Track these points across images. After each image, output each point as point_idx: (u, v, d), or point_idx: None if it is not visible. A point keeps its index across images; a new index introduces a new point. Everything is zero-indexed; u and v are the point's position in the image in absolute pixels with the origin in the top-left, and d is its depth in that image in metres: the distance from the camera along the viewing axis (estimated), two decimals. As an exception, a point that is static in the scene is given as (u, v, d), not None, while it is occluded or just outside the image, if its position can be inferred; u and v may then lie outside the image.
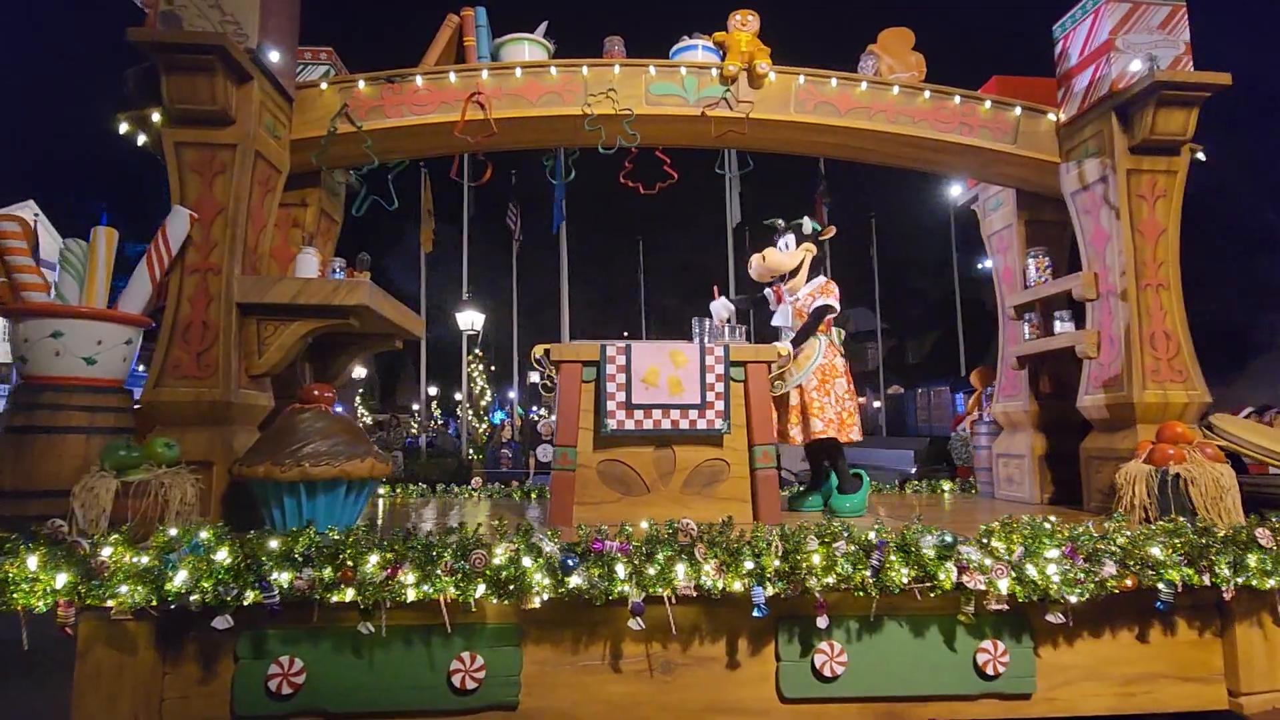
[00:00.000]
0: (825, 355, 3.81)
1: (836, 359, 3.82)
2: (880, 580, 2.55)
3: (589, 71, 3.69)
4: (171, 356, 3.04)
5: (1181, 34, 3.54)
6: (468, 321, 15.52)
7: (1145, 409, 3.35)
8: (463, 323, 15.31)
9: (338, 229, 4.29)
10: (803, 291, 3.93)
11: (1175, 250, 3.51)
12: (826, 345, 3.83)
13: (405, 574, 2.42)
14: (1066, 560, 2.61)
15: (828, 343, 3.84)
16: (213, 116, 3.09)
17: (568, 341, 3.58)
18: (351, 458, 2.84)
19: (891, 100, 3.81)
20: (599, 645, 2.66)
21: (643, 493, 3.21)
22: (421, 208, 13.81)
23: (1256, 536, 2.69)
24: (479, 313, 15.54)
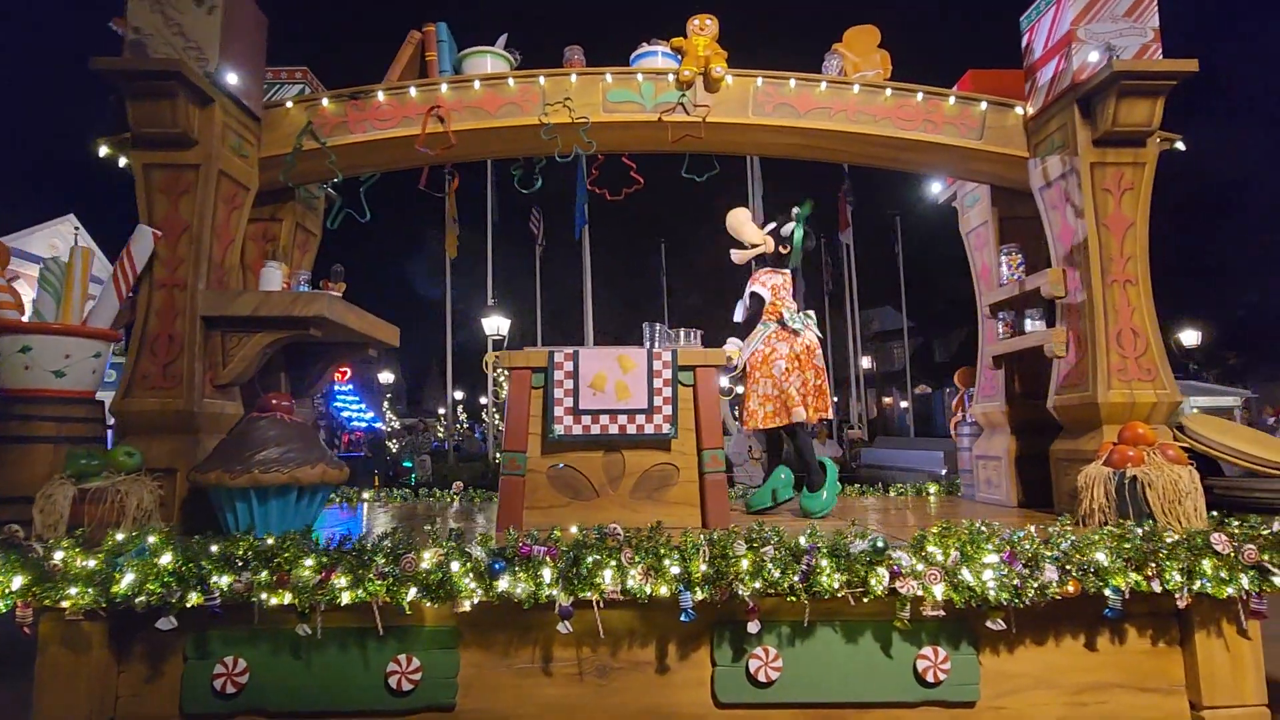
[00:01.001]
0: (763, 343, 3.83)
1: (778, 344, 3.81)
2: (811, 585, 2.54)
3: (546, 81, 3.73)
4: (140, 368, 3.18)
5: (1149, 21, 3.42)
6: (493, 327, 15.74)
7: (1111, 409, 3.25)
8: (488, 328, 15.53)
9: (316, 241, 4.42)
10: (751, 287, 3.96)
11: (1144, 244, 3.40)
12: (768, 333, 3.85)
13: (338, 577, 2.50)
14: (1005, 566, 2.56)
15: (769, 331, 3.85)
16: (176, 138, 3.23)
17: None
18: (302, 464, 2.94)
19: (852, 99, 3.77)
20: (536, 649, 2.70)
21: (592, 497, 3.24)
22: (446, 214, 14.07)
23: (1212, 542, 2.59)
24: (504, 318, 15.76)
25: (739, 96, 3.77)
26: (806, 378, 3.77)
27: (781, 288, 3.96)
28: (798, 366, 3.73)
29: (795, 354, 3.76)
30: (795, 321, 3.81)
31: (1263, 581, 2.59)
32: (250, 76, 3.54)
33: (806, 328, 3.86)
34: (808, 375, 3.74)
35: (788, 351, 3.77)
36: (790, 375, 3.70)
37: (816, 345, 3.86)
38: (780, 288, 3.95)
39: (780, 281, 3.98)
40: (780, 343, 3.81)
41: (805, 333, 3.85)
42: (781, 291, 3.95)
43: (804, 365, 3.73)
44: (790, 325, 3.78)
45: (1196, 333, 14.80)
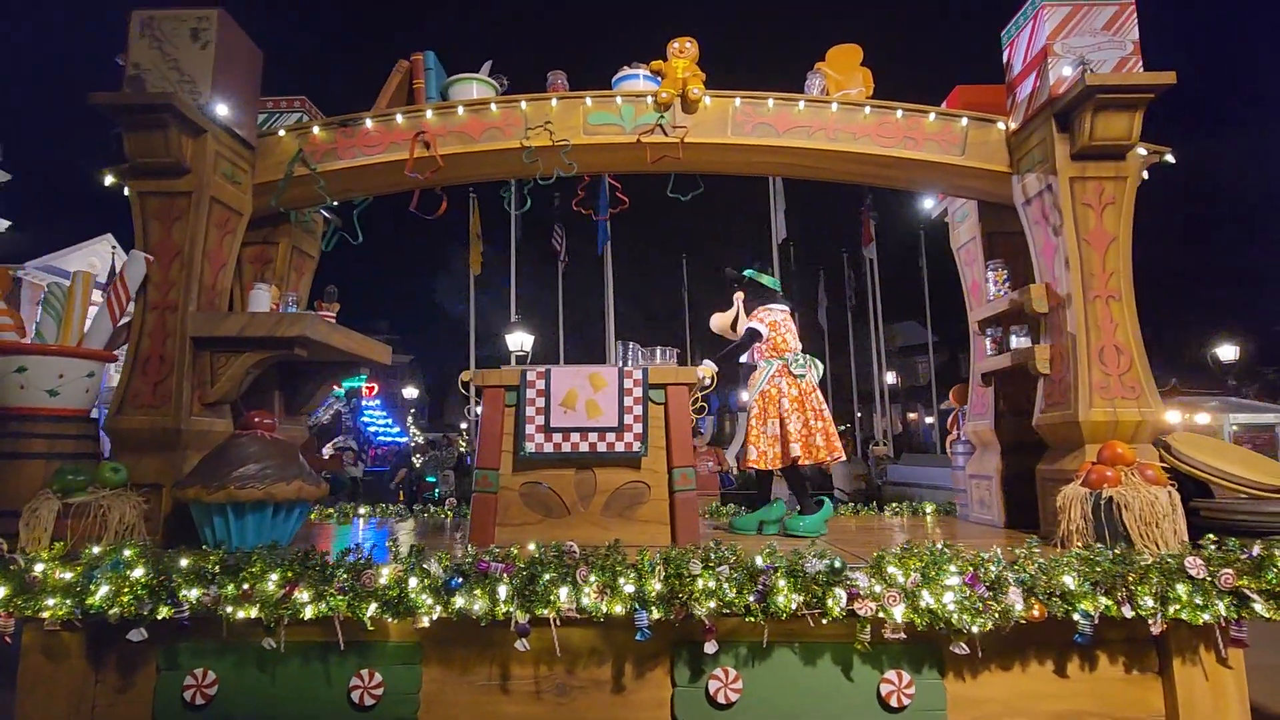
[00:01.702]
0: (768, 382, 3.81)
1: (783, 384, 3.78)
2: (768, 606, 2.52)
3: (528, 106, 3.82)
4: (132, 387, 3.31)
5: (1129, 34, 3.38)
6: (517, 343, 15.91)
7: (1092, 428, 3.17)
8: (512, 344, 15.69)
9: (313, 263, 4.55)
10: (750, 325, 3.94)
11: (1128, 259, 3.32)
12: (772, 372, 3.82)
13: (301, 592, 2.55)
14: (967, 588, 2.51)
15: (774, 370, 3.82)
16: (169, 167, 3.38)
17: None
18: (278, 481, 3.02)
19: (831, 118, 3.78)
20: (496, 666, 2.72)
21: (564, 515, 3.26)
22: (470, 231, 14.33)
23: (1186, 566, 2.50)
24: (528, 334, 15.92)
25: (718, 117, 3.81)
26: (806, 418, 3.74)
27: (781, 325, 3.91)
28: (799, 409, 3.72)
29: (796, 396, 3.74)
30: (797, 365, 3.79)
31: (1242, 608, 2.49)
32: (243, 107, 3.69)
33: (809, 369, 3.85)
34: (808, 417, 3.72)
35: (790, 392, 3.75)
36: (792, 416, 3.69)
37: (816, 388, 3.84)
38: (780, 324, 3.90)
39: (779, 319, 3.93)
40: (784, 382, 3.79)
41: (809, 374, 3.83)
42: (781, 328, 3.89)
43: (804, 407, 3.72)
44: (793, 369, 3.77)
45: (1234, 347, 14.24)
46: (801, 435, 3.71)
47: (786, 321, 3.94)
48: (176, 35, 3.48)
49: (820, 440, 3.71)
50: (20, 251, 19.82)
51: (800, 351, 3.88)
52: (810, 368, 3.87)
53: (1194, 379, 9.91)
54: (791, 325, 3.95)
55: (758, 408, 3.81)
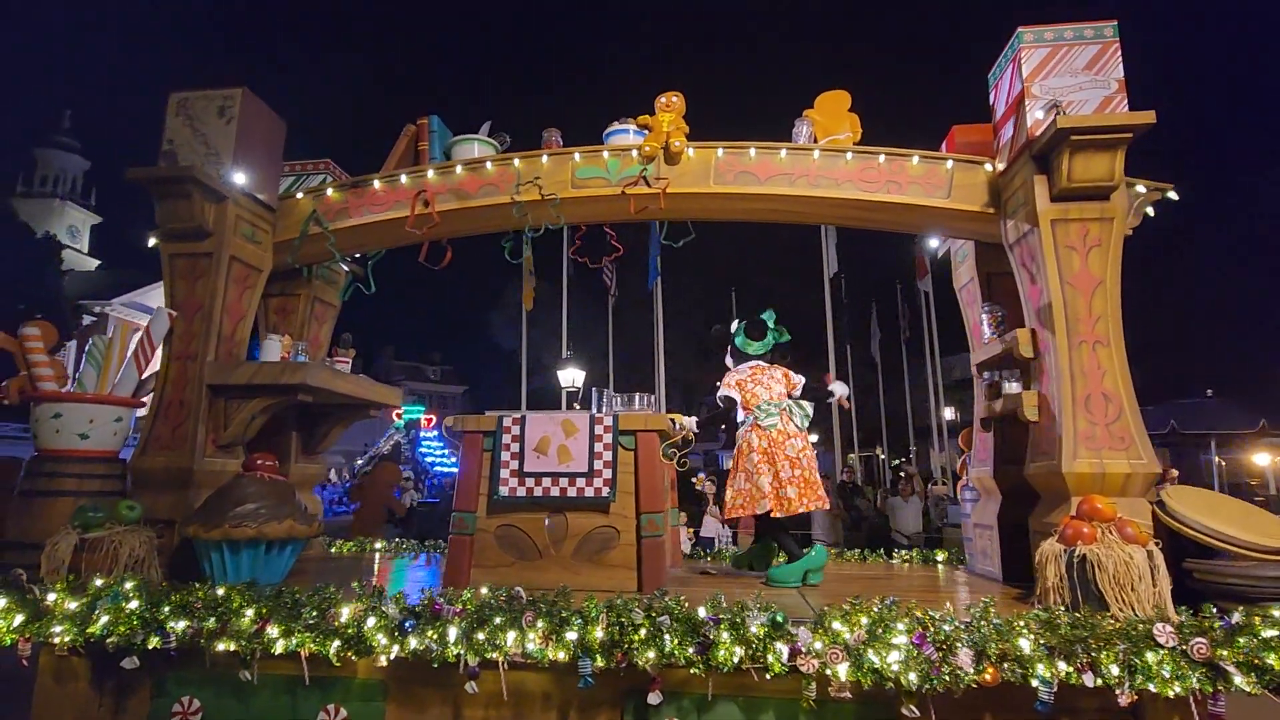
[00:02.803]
0: (741, 438, 3.88)
1: (753, 438, 3.80)
2: (710, 658, 2.52)
3: (521, 163, 4.03)
4: (154, 430, 3.64)
5: (1113, 73, 3.29)
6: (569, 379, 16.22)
7: (1077, 480, 3.02)
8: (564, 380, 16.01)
9: (335, 311, 4.88)
10: None
11: (1116, 303, 3.19)
12: (745, 427, 3.87)
13: (272, 627, 2.73)
14: (914, 648, 2.44)
15: (747, 424, 3.87)
16: (193, 231, 3.75)
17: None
18: (269, 520, 3.25)
19: (813, 164, 3.82)
20: (457, 707, 2.81)
21: (536, 558, 3.35)
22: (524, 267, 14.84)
23: (1154, 633, 2.36)
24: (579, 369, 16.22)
25: (701, 167, 3.90)
26: (777, 470, 3.71)
27: (749, 381, 3.94)
28: (769, 461, 3.71)
29: (765, 449, 3.74)
30: (766, 417, 3.79)
31: (1218, 681, 2.32)
32: (264, 173, 4.05)
33: (784, 417, 3.81)
34: (778, 468, 3.68)
35: (760, 445, 3.76)
36: (761, 469, 3.69)
37: (789, 436, 3.77)
38: (746, 382, 3.94)
39: (746, 375, 3.97)
40: (753, 435, 3.81)
41: (779, 424, 3.79)
42: (749, 384, 3.92)
43: (774, 459, 3.70)
44: (761, 422, 3.78)
45: None
46: (772, 488, 3.69)
47: (755, 375, 3.94)
48: (205, 113, 3.89)
49: (792, 491, 3.66)
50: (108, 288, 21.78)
51: (773, 401, 3.85)
52: (784, 415, 3.81)
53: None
54: (762, 376, 3.92)
55: (732, 462, 3.88)
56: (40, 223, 26.79)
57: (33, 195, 34.88)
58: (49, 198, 35.81)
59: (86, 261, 35.14)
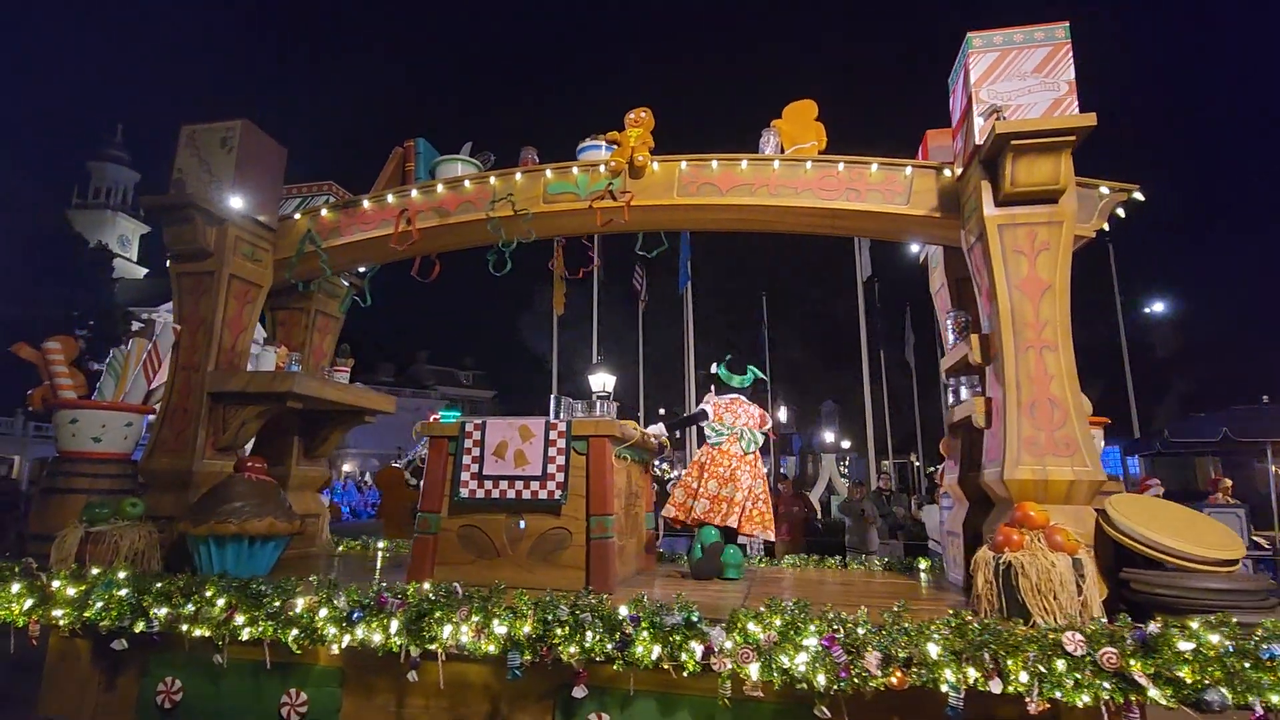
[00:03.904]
0: (699, 452, 4.13)
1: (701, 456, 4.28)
2: (629, 655, 2.62)
3: (496, 181, 4.23)
4: (161, 434, 3.98)
5: (1063, 75, 3.25)
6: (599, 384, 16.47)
7: (1020, 487, 2.99)
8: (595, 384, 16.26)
9: (338, 324, 5.19)
10: None
11: (1065, 307, 3.14)
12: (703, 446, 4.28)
13: (238, 615, 2.98)
14: (824, 650, 2.48)
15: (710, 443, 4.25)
16: (197, 252, 4.09)
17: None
18: (251, 518, 3.52)
19: (774, 174, 3.88)
20: (407, 696, 3.00)
21: (494, 557, 3.51)
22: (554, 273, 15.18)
23: (1063, 641, 2.34)
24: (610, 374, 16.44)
25: (665, 180, 4.02)
26: (697, 484, 4.16)
27: (724, 410, 4.35)
28: (699, 474, 4.17)
29: (702, 462, 4.20)
30: (713, 435, 4.26)
31: (1130, 692, 2.28)
32: (263, 196, 4.38)
33: (732, 440, 4.22)
34: (706, 481, 4.13)
35: (698, 459, 4.26)
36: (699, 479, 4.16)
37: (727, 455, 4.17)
38: (719, 407, 4.37)
39: (724, 402, 4.40)
40: (701, 453, 4.30)
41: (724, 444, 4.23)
42: (721, 411, 4.35)
43: (704, 473, 4.16)
44: (709, 439, 4.25)
45: None
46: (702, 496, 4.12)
47: (731, 406, 4.36)
48: (210, 143, 4.24)
49: (699, 505, 4.11)
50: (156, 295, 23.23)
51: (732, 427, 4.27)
52: (731, 439, 4.24)
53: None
54: (737, 409, 4.35)
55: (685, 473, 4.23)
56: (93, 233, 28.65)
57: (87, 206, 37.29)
58: (101, 208, 38.32)
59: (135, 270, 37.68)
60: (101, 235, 27.64)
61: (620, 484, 3.77)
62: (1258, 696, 2.21)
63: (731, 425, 4.21)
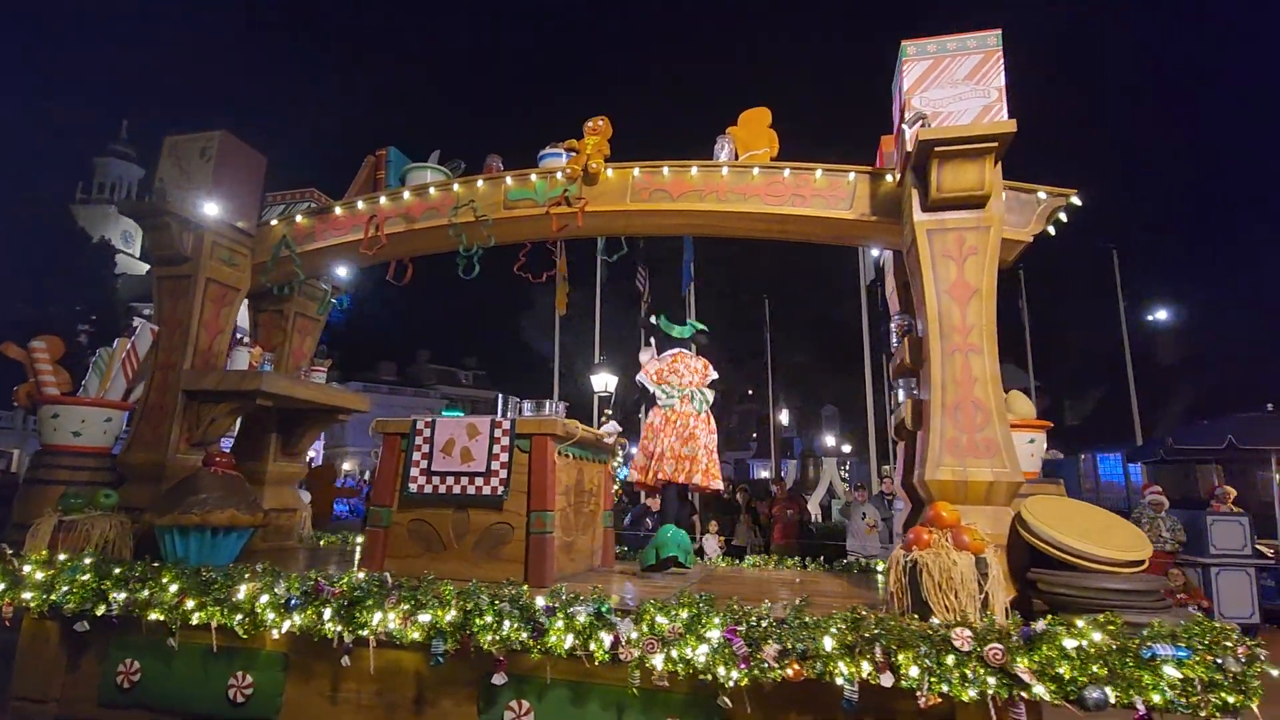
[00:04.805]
0: (650, 415, 4.18)
1: (653, 417, 4.35)
2: (543, 643, 2.73)
3: (460, 188, 4.37)
4: (139, 429, 4.19)
5: (993, 81, 3.29)
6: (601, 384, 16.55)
7: (940, 487, 3.03)
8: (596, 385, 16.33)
9: (319, 325, 5.39)
10: None
11: (991, 311, 3.18)
12: (655, 408, 4.30)
13: (188, 600, 3.15)
14: (725, 641, 2.57)
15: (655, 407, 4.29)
16: (174, 257, 4.30)
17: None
18: (214, 510, 3.69)
19: (722, 181, 3.97)
20: (346, 680, 3.14)
21: (441, 550, 3.64)
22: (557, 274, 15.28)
23: (952, 637, 2.39)
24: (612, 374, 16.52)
25: (619, 187, 4.13)
26: (660, 444, 4.19)
27: (666, 370, 4.39)
28: (654, 435, 4.14)
29: (658, 425, 4.17)
30: (665, 397, 4.25)
31: (1015, 688, 2.32)
32: (242, 202, 4.58)
33: (683, 400, 4.12)
34: (662, 441, 4.09)
35: (656, 423, 4.11)
36: (649, 443, 3.98)
37: (682, 416, 4.09)
38: (664, 370, 4.39)
39: (665, 365, 4.42)
40: (654, 415, 4.30)
41: (675, 405, 4.26)
42: (665, 372, 4.37)
43: (659, 435, 3.98)
44: (659, 401, 4.13)
45: None
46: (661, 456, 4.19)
47: (674, 364, 4.39)
48: (189, 153, 4.46)
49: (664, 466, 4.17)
50: None
51: (682, 385, 4.32)
52: (685, 399, 4.28)
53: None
54: (679, 365, 4.37)
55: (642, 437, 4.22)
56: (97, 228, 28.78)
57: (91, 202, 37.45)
58: (106, 204, 38.66)
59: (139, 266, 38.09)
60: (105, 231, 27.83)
61: (568, 481, 3.88)
62: (1139, 695, 2.24)
63: (680, 385, 4.28)
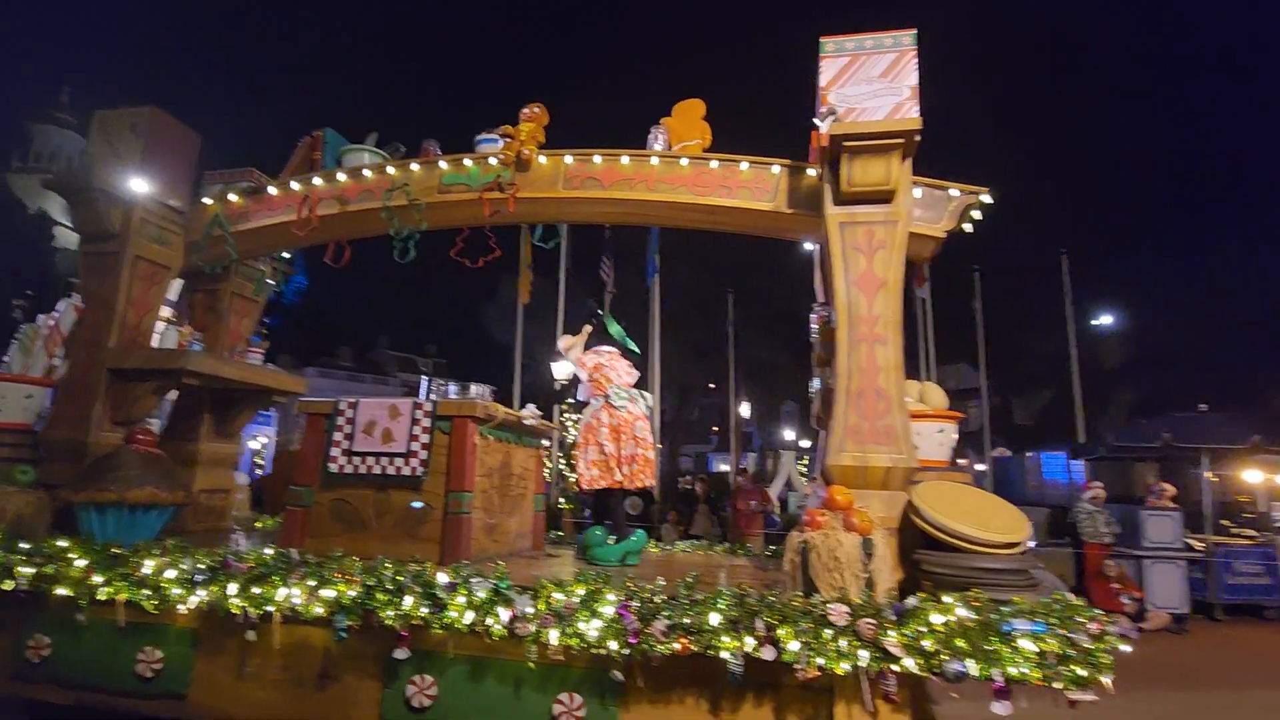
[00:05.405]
0: (592, 416, 4.08)
1: (602, 415, 4.04)
2: (443, 619, 2.79)
3: (395, 171, 4.37)
4: (62, 407, 4.15)
5: (906, 79, 3.39)
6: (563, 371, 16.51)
7: (842, 472, 3.14)
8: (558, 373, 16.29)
9: (258, 307, 5.34)
10: None
11: (897, 304, 3.28)
12: (596, 407, 4.10)
13: (96, 575, 3.15)
14: (618, 617, 2.64)
15: (598, 405, 4.10)
16: (102, 233, 4.25)
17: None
18: (132, 487, 3.68)
19: (652, 171, 4.02)
20: (254, 656, 3.16)
21: (361, 530, 3.67)
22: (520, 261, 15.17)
23: (828, 613, 2.49)
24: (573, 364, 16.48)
25: (551, 174, 4.16)
26: (621, 446, 4.02)
27: (605, 365, 4.24)
28: (615, 438, 4.02)
29: (616, 426, 4.03)
30: (618, 399, 4.09)
31: (885, 661, 2.43)
32: (173, 180, 4.53)
33: (632, 402, 4.11)
34: (623, 445, 4.01)
35: (609, 423, 4.04)
36: (608, 444, 4.00)
37: (636, 419, 4.06)
38: (604, 365, 4.24)
39: (604, 360, 4.27)
40: (604, 414, 4.10)
41: (629, 407, 4.12)
42: (605, 369, 4.23)
43: (620, 437, 3.99)
44: (613, 403, 4.05)
45: None
46: (614, 463, 3.98)
47: (611, 362, 4.23)
48: (119, 129, 4.40)
49: (629, 469, 4.01)
50: None
51: (623, 387, 4.12)
52: (633, 401, 4.10)
53: (1279, 436, 8.64)
54: (616, 365, 4.20)
55: (580, 438, 4.08)
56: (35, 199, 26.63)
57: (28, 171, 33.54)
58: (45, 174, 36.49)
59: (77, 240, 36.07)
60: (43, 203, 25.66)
61: (492, 464, 3.93)
62: (998, 668, 2.35)
63: (620, 384, 4.18)
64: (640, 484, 4.04)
